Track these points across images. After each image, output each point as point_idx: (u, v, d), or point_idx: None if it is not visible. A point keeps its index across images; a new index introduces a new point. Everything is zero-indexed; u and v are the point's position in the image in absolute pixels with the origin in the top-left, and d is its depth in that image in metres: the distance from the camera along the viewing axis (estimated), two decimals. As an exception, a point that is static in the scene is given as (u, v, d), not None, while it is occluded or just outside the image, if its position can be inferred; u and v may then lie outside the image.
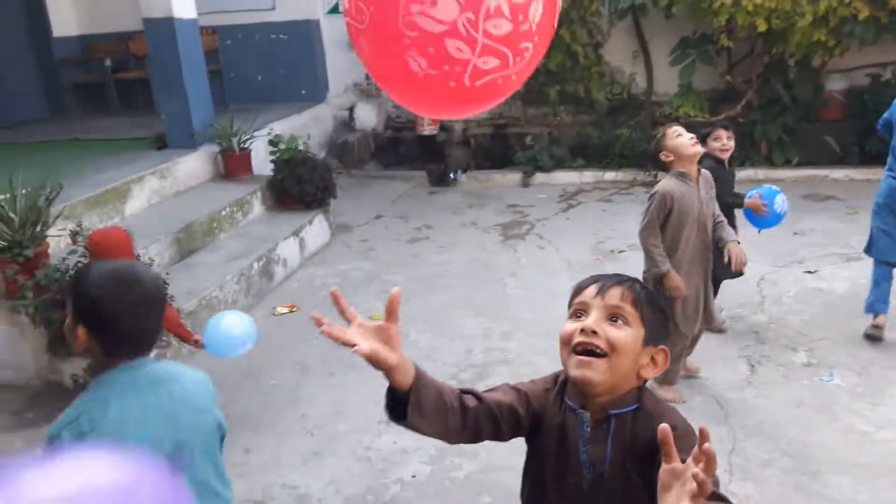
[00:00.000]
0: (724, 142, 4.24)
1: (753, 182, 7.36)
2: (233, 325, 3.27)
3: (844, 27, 6.76)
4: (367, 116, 9.06)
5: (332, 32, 9.09)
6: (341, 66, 9.19)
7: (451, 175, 8.34)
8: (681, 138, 3.50)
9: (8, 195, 4.33)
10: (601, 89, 8.20)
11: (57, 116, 8.62)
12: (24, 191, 4.34)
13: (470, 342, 4.51)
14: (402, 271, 5.76)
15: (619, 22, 8.02)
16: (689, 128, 7.36)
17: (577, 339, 1.38)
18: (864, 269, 4.70)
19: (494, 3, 1.44)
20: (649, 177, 7.71)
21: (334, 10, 9.04)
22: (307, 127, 8.40)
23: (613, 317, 1.40)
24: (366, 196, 7.94)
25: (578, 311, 1.45)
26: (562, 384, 1.49)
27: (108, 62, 8.59)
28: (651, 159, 3.89)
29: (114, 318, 1.53)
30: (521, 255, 5.96)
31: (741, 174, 7.51)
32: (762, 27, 6.82)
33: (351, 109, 9.14)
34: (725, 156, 4.25)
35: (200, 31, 6.84)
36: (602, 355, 1.36)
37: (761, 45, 7.50)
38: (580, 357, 1.37)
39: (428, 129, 8.68)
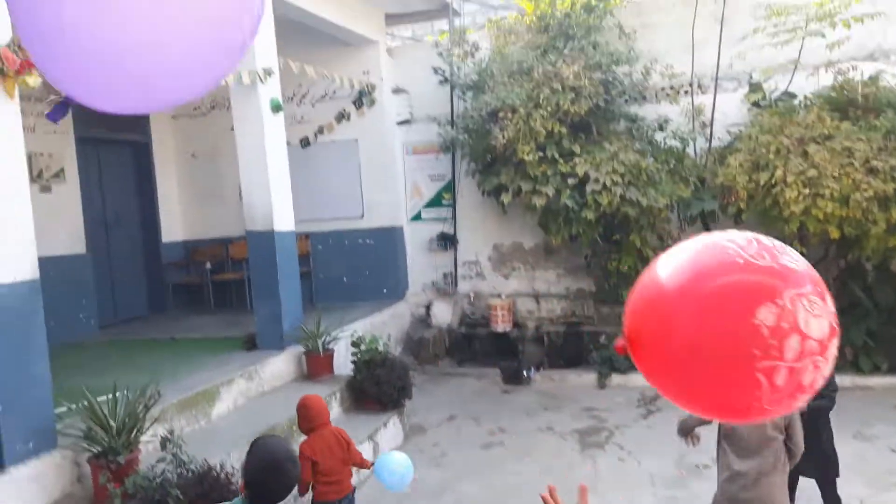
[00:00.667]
0: None
1: (840, 391, 7.11)
2: (399, 461, 3.94)
3: (920, 234, 6.77)
4: (443, 313, 9.39)
5: (414, 237, 9.76)
6: (420, 267, 9.74)
7: (525, 373, 8.38)
8: None
9: (109, 396, 4.62)
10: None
11: (158, 314, 9.32)
12: (125, 393, 4.62)
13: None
14: (476, 481, 5.66)
15: (689, 227, 8.28)
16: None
17: None
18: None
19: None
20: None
21: (417, 217, 9.76)
22: (387, 324, 8.76)
23: None
24: (440, 393, 8.01)
25: None
26: None
27: (208, 265, 9.38)
28: None
29: (267, 492, 2.43)
30: (600, 467, 5.79)
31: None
32: (835, 234, 6.90)
33: (428, 307, 9.52)
34: None
35: (295, 237, 7.47)
36: None
37: (835, 250, 7.54)
38: None
39: (502, 327, 8.88)
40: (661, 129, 8.31)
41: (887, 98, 7.34)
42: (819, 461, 3.98)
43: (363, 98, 9.44)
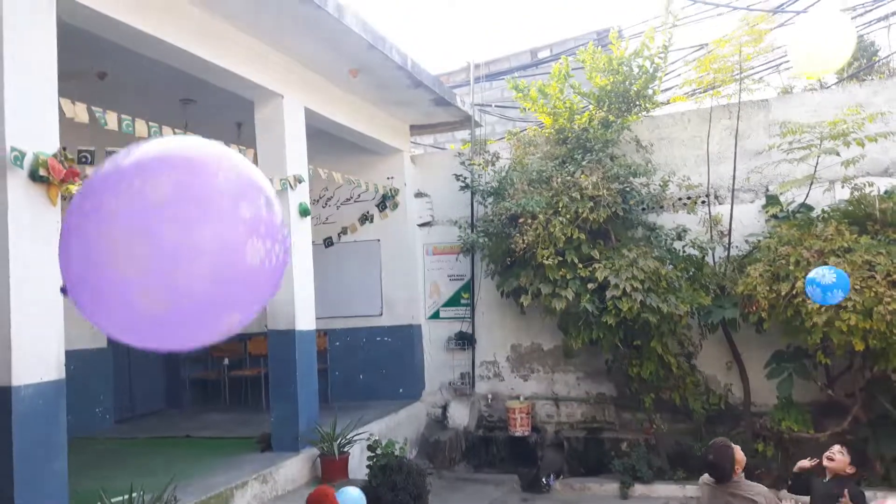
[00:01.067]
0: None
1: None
2: None
3: (946, 347, 6.69)
4: (460, 415, 9.26)
5: (432, 335, 9.77)
6: (437, 366, 9.70)
7: (545, 480, 8.15)
8: None
9: (125, 496, 4.57)
10: (697, 398, 8.17)
11: (174, 409, 9.26)
12: (141, 495, 4.56)
13: None
14: None
15: (710, 335, 8.25)
16: (795, 443, 7.15)
17: None
18: None
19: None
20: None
21: (436, 315, 9.81)
22: (402, 425, 8.64)
23: None
24: (455, 501, 7.78)
25: None
26: None
27: (226, 361, 9.39)
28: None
29: None
30: (623, 586, 5.54)
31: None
32: (859, 347, 6.83)
33: (444, 407, 9.41)
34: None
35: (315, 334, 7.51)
36: None
37: (860, 361, 7.44)
38: None
39: (520, 431, 8.72)
40: (680, 238, 8.43)
41: (905, 213, 7.45)
42: None
43: (386, 201, 9.71)
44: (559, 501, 7.75)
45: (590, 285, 7.85)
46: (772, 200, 8.43)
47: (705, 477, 4.30)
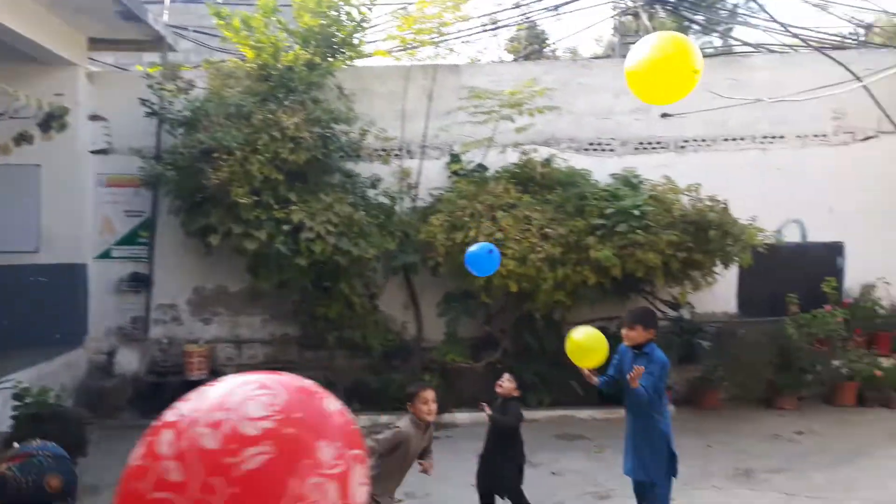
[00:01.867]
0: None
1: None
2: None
3: (578, 290, 8.02)
4: (130, 361, 8.56)
5: (101, 276, 8.85)
6: (106, 310, 8.84)
7: (224, 423, 7.95)
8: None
9: None
10: (376, 336, 8.66)
11: None
12: None
13: None
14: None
15: (392, 277, 8.78)
16: (457, 373, 7.95)
17: None
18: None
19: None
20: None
21: (106, 255, 8.89)
22: (59, 374, 7.73)
23: None
24: (122, 450, 7.12)
25: None
26: None
27: None
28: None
29: None
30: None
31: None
32: (514, 289, 7.86)
33: (111, 354, 8.61)
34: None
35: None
36: None
37: (513, 302, 8.57)
38: None
39: (197, 374, 8.35)
40: (374, 186, 8.80)
41: (558, 177, 8.72)
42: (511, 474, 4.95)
43: (52, 121, 8.37)
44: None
45: (285, 227, 7.78)
46: (455, 158, 9.21)
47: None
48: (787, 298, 8.90)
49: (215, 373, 8.50)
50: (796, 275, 9.20)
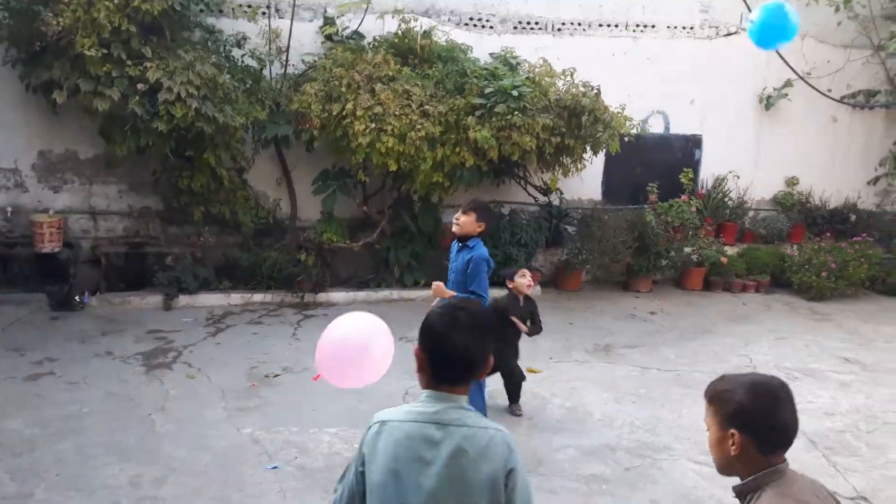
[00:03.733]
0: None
1: (389, 301, 8.13)
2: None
3: (456, 172, 8.03)
4: (-33, 231, 7.69)
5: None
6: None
7: (78, 298, 7.47)
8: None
9: None
10: (247, 213, 8.29)
11: None
12: None
13: (115, 494, 3.98)
14: (20, 415, 4.88)
15: (263, 150, 8.32)
16: (333, 253, 7.86)
17: None
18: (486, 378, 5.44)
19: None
20: (296, 298, 7.94)
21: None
22: None
23: None
24: (-36, 326, 6.62)
25: None
26: None
27: None
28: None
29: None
30: (168, 387, 5.54)
31: (378, 294, 8.24)
32: (393, 167, 7.72)
33: (-55, 221, 7.67)
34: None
35: None
36: None
37: (392, 182, 8.46)
38: None
39: (49, 247, 7.69)
40: (240, 46, 8.11)
41: (438, 52, 8.45)
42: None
43: None
44: (96, 317, 7.21)
45: (140, 86, 7.04)
46: (329, 22, 8.62)
47: None
48: (648, 188, 9.41)
49: (69, 245, 7.86)
50: (658, 165, 9.74)
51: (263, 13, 8.47)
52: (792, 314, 8.44)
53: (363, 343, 2.12)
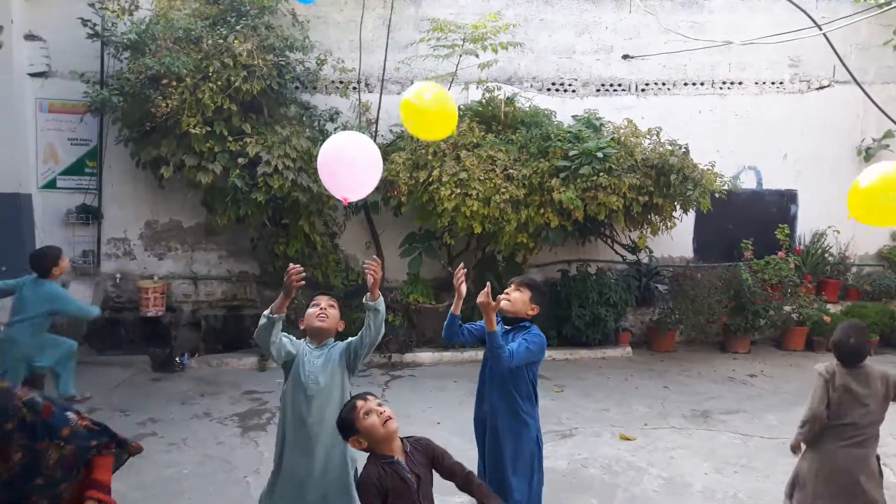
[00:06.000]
0: None
1: (474, 362, 8.07)
2: None
3: (540, 233, 8.03)
4: (82, 295, 8.21)
5: (46, 206, 8.41)
6: (55, 242, 8.36)
7: (178, 359, 7.82)
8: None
9: None
10: (338, 275, 8.53)
11: None
12: None
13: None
14: (126, 477, 5.07)
15: (353, 216, 8.60)
16: (419, 313, 7.93)
17: None
18: (579, 445, 5.28)
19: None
20: (384, 359, 8.03)
21: (51, 184, 8.42)
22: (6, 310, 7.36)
23: None
24: (79, 387, 7.00)
25: None
26: None
27: None
28: None
29: None
30: (262, 449, 5.65)
31: (464, 355, 8.23)
32: (478, 230, 7.81)
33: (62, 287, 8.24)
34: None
35: None
36: None
37: (476, 243, 8.54)
38: None
39: (153, 311, 8.14)
40: (332, 120, 8.51)
41: (521, 117, 8.59)
42: None
43: (-16, 38, 7.81)
44: (194, 378, 7.50)
45: (240, 160, 7.49)
46: (417, 94, 8.93)
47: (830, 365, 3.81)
48: (742, 244, 9.11)
49: (171, 309, 8.30)
50: (751, 221, 9.44)
51: (354, 88, 8.89)
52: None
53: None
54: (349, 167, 3.78)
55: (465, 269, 3.79)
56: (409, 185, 7.92)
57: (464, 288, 3.71)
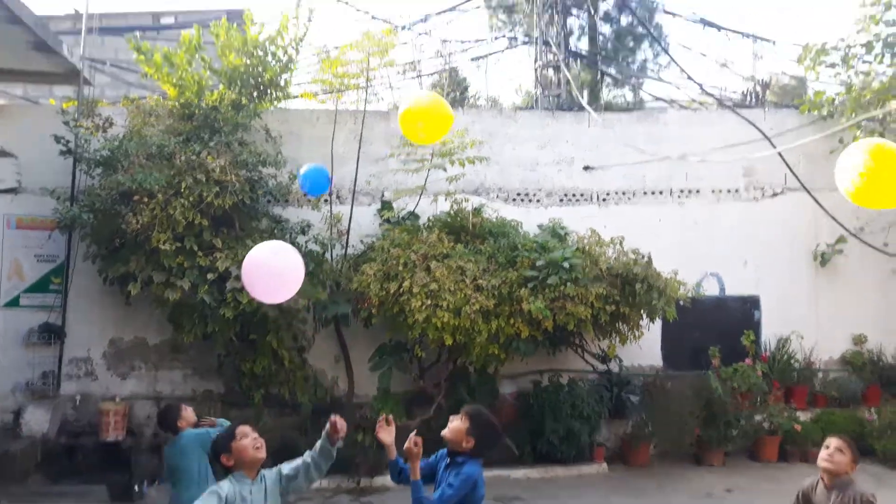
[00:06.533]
0: None
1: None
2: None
3: (511, 343, 8.03)
4: (39, 420, 7.91)
5: (7, 325, 8.20)
6: (13, 363, 8.16)
7: (137, 487, 7.43)
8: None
9: None
10: (305, 392, 8.34)
11: None
12: None
13: None
14: None
15: (322, 329, 8.52)
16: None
17: None
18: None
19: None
20: (353, 483, 7.75)
21: (14, 302, 8.23)
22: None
23: None
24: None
25: None
26: None
27: None
28: None
29: None
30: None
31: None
32: (449, 341, 7.78)
33: (18, 413, 7.92)
34: None
35: None
36: None
37: (447, 355, 8.48)
38: None
39: (113, 435, 7.81)
40: (304, 232, 8.56)
41: (488, 228, 8.77)
42: None
43: (-47, 155, 7.82)
44: (155, 508, 7.14)
45: (209, 275, 7.43)
46: (387, 205, 9.12)
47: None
48: (710, 351, 9.20)
49: (132, 433, 7.97)
50: (717, 327, 9.59)
51: (326, 200, 9.02)
52: (880, 487, 7.81)
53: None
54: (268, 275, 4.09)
55: (421, 438, 3.54)
56: (379, 297, 7.91)
57: (416, 452, 3.51)
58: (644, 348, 9.14)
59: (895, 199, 3.46)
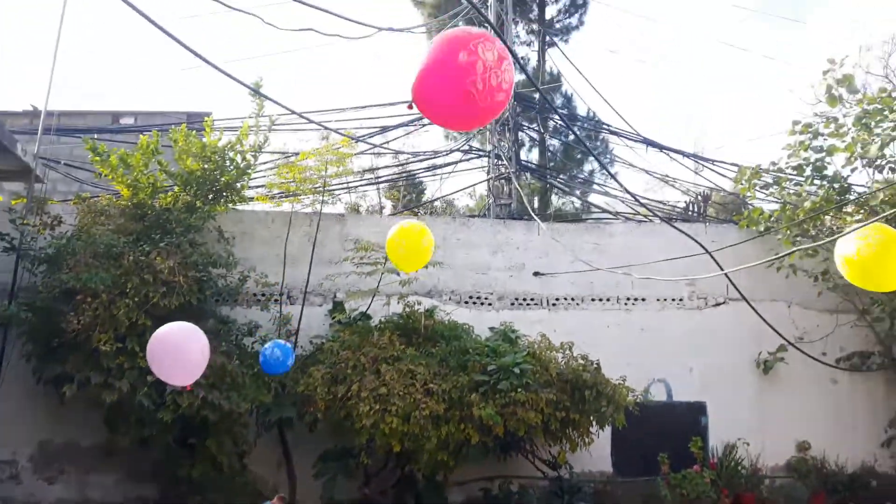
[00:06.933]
0: None
1: None
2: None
3: (461, 449, 7.88)
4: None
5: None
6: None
7: None
8: None
9: None
10: (244, 500, 7.95)
11: None
12: None
13: None
14: None
15: (265, 433, 8.25)
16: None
17: None
18: None
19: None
20: None
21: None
22: None
23: None
24: None
25: None
26: None
27: None
28: None
29: None
30: None
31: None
32: (397, 448, 7.60)
33: (-72, 523, 7.34)
34: None
35: None
36: None
37: (395, 461, 8.26)
38: None
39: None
40: (251, 333, 8.46)
41: (440, 330, 8.79)
42: None
43: None
44: None
45: (149, 377, 7.19)
46: (338, 307, 9.10)
47: None
48: (659, 458, 9.15)
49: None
50: (665, 433, 9.58)
51: (276, 301, 8.97)
52: None
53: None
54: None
55: None
56: (325, 401, 7.76)
57: None
58: (594, 454, 9.05)
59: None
